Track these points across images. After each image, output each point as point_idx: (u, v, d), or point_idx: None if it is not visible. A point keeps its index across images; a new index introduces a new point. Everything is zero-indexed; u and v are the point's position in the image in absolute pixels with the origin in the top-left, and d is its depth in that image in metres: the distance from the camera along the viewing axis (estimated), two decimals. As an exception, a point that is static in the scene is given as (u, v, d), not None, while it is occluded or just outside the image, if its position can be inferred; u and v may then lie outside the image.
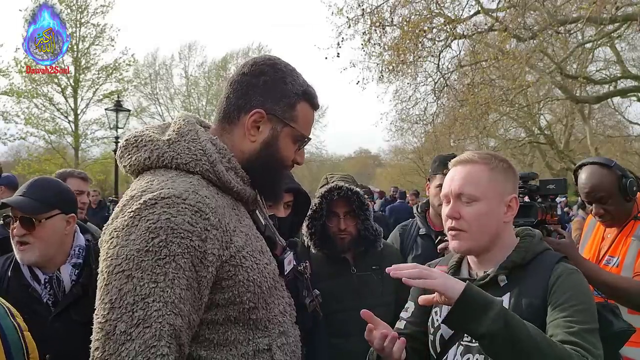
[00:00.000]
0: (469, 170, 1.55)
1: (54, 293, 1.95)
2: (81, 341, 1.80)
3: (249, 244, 1.28)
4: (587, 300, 1.42)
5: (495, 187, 1.53)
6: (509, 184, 1.57)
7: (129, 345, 1.08)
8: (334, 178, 2.49)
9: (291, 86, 1.37)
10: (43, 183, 2.04)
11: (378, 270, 2.45)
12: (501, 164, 1.57)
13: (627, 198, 2.23)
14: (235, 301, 1.24)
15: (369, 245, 2.46)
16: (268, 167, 1.38)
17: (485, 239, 1.53)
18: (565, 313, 1.37)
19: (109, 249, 1.16)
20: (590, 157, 2.50)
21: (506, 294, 1.48)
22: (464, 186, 1.52)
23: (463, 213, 1.52)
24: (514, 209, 1.56)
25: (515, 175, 1.61)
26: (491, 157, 1.57)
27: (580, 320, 1.35)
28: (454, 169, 1.59)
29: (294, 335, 1.41)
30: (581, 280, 1.48)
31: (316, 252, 2.47)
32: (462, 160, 1.58)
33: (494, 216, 1.52)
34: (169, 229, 1.14)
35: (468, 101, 13.38)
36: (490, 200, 1.52)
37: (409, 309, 1.74)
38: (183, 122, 1.36)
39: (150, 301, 1.10)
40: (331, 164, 40.32)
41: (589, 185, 2.27)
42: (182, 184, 1.22)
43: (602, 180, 2.24)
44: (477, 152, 1.60)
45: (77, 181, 3.55)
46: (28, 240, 1.89)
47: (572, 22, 10.65)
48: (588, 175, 2.29)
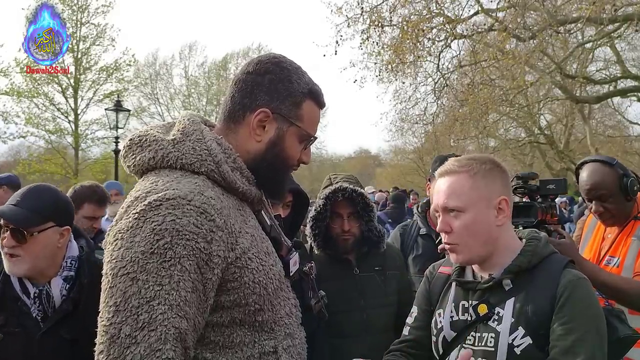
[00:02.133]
0: (450, 182, 1.53)
1: (43, 308, 1.84)
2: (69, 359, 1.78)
3: (254, 245, 1.27)
4: (595, 318, 1.42)
5: (478, 194, 1.49)
6: (495, 186, 1.52)
7: (134, 349, 1.07)
8: (337, 179, 2.48)
9: (297, 85, 1.36)
10: (38, 192, 1.90)
11: (380, 271, 2.44)
12: (483, 166, 1.52)
13: (628, 197, 2.22)
14: (240, 303, 1.23)
15: (372, 246, 2.45)
16: (274, 167, 1.36)
17: (480, 247, 1.51)
18: (574, 337, 1.36)
19: (114, 250, 1.15)
20: (592, 155, 2.49)
21: (511, 299, 1.47)
22: (448, 199, 1.51)
23: (453, 226, 1.51)
24: (506, 210, 1.52)
25: (502, 174, 1.56)
26: (472, 163, 1.53)
27: (587, 345, 1.35)
28: (439, 181, 1.57)
29: (300, 337, 1.40)
30: (589, 291, 1.47)
31: (318, 252, 2.46)
32: (444, 172, 1.56)
33: (484, 223, 1.50)
34: (174, 230, 1.12)
35: (468, 101, 13.39)
36: (476, 209, 1.49)
37: (413, 314, 1.74)
38: (188, 121, 1.34)
39: (156, 304, 1.09)
40: (331, 164, 40.29)
41: (590, 183, 2.26)
42: (187, 185, 1.21)
43: (603, 178, 2.24)
44: (457, 160, 1.57)
45: (93, 207, 3.25)
46: (18, 253, 1.79)
47: (572, 22, 10.66)
48: (590, 172, 2.28)
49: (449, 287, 1.65)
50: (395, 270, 2.49)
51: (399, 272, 2.52)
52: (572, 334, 1.36)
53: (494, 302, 1.48)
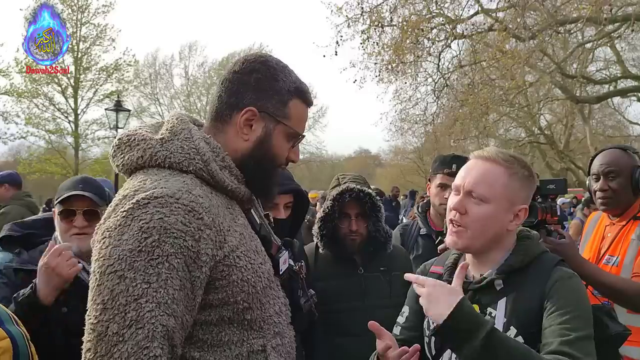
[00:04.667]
0: (487, 169, 1.49)
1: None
2: None
3: (243, 243, 1.27)
4: (583, 307, 1.40)
5: (508, 193, 1.47)
6: (524, 193, 1.51)
7: (121, 347, 1.07)
8: (345, 179, 2.47)
9: (283, 83, 1.36)
10: (93, 180, 2.23)
11: (386, 272, 2.43)
12: (522, 170, 1.51)
13: (635, 189, 2.21)
14: (229, 301, 1.23)
15: (379, 246, 2.45)
16: (262, 166, 1.36)
17: (484, 241, 1.50)
18: (560, 320, 1.35)
19: (101, 249, 1.15)
20: (610, 144, 2.53)
21: (502, 299, 1.46)
22: (478, 184, 1.47)
23: (469, 210, 1.48)
24: (521, 219, 1.51)
25: (533, 184, 1.54)
26: (514, 161, 1.51)
27: (575, 327, 1.33)
28: (474, 162, 1.53)
29: (289, 336, 1.39)
30: (578, 285, 1.46)
31: (324, 251, 2.46)
32: (484, 156, 1.52)
33: (499, 222, 1.48)
34: (161, 228, 1.13)
35: (468, 101, 13.38)
36: (499, 205, 1.47)
37: (404, 314, 1.73)
38: (176, 120, 1.35)
39: (143, 302, 1.09)
40: (331, 164, 40.34)
41: (604, 160, 2.29)
42: (175, 183, 1.21)
43: (618, 159, 2.26)
44: (501, 152, 1.53)
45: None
46: (88, 232, 1.96)
47: (572, 22, 10.65)
48: (606, 152, 2.32)
49: None
50: (401, 271, 2.47)
51: (405, 273, 2.50)
52: (560, 318, 1.35)
53: (485, 303, 1.48)
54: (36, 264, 1.92)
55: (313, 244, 2.50)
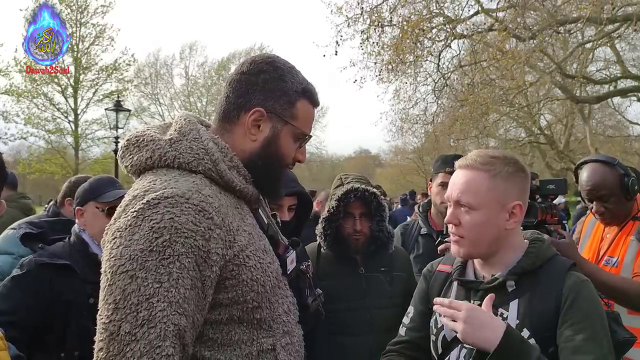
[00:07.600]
0: (468, 177, 1.50)
1: None
2: None
3: (252, 242, 1.28)
4: (602, 320, 1.42)
5: (495, 195, 1.47)
6: (513, 190, 1.49)
7: (133, 346, 1.08)
8: (348, 179, 2.47)
9: (290, 84, 1.37)
10: (115, 180, 2.40)
11: (387, 272, 2.43)
12: (505, 168, 1.49)
13: (628, 197, 2.22)
14: (239, 300, 1.23)
15: (381, 246, 2.45)
16: (269, 166, 1.37)
17: (484, 245, 1.50)
18: (582, 335, 1.36)
19: (112, 249, 1.15)
20: (593, 155, 2.47)
21: (514, 300, 1.46)
22: (463, 194, 1.49)
23: (462, 220, 1.50)
24: (519, 215, 1.50)
25: (522, 179, 1.52)
26: (495, 162, 1.50)
27: (598, 345, 1.35)
28: (457, 172, 1.55)
29: (298, 335, 1.40)
30: (593, 293, 1.47)
31: (325, 251, 2.46)
32: (465, 165, 1.53)
33: (494, 225, 1.48)
34: (172, 228, 1.13)
35: (468, 101, 13.37)
36: (488, 210, 1.47)
37: (409, 314, 1.73)
38: (184, 121, 1.36)
39: (155, 301, 1.10)
40: (331, 164, 40.35)
41: (591, 184, 2.25)
42: (185, 184, 1.22)
43: (604, 178, 2.23)
44: (480, 156, 1.52)
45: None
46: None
47: (572, 22, 10.65)
48: (590, 173, 2.27)
49: (449, 285, 1.65)
50: (402, 272, 2.48)
51: (406, 273, 2.50)
52: (581, 333, 1.36)
53: (496, 303, 1.47)
54: (63, 259, 2.05)
55: (315, 244, 2.51)
